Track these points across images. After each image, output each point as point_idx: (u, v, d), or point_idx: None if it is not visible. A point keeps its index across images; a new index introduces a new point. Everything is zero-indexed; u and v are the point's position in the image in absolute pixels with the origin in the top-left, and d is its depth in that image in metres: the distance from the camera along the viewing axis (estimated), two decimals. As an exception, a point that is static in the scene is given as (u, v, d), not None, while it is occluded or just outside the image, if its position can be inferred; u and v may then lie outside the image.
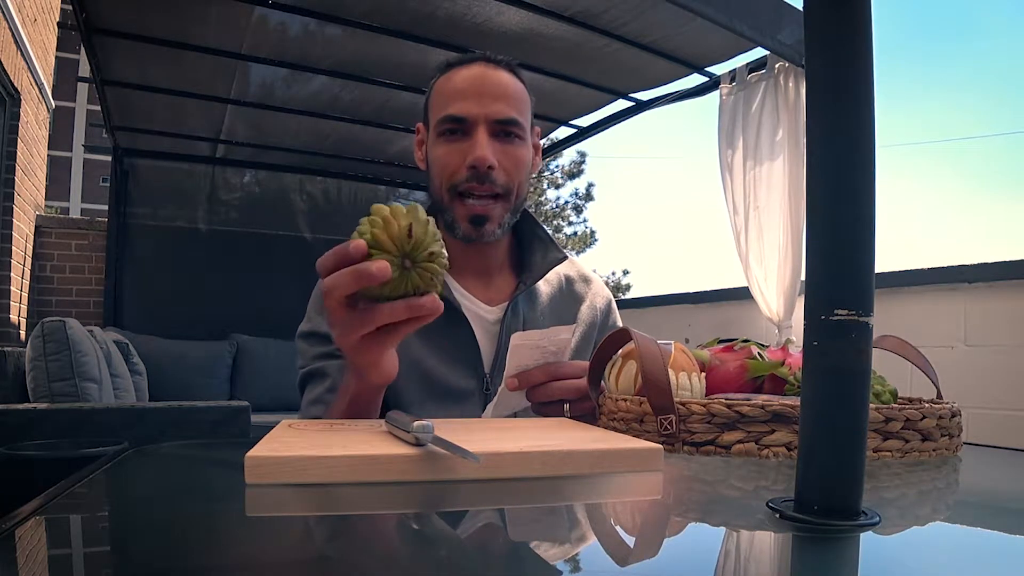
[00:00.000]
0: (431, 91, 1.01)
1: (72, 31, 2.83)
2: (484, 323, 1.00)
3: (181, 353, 3.71)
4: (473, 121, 0.93)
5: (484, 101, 0.94)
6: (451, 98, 0.95)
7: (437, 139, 0.97)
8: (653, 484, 0.53)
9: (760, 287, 2.59)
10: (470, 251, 1.01)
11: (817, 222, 0.40)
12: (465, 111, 0.93)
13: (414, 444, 0.51)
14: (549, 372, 0.85)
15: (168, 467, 0.64)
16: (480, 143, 0.93)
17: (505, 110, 0.95)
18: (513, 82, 0.98)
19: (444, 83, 0.98)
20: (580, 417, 0.80)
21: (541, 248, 1.05)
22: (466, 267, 1.02)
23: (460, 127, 0.94)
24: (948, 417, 0.65)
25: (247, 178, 4.36)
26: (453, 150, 0.95)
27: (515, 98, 0.97)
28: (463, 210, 0.95)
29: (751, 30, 2.27)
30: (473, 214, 0.95)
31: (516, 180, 0.97)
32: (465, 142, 0.94)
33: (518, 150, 0.97)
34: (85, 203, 26.54)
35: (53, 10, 4.80)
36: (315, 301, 1.00)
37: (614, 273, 17.55)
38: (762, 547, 0.40)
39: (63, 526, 0.43)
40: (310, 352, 0.97)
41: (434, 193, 0.99)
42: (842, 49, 0.40)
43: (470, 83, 0.95)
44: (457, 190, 0.95)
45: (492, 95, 0.94)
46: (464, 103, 0.94)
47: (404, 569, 0.35)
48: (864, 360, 0.39)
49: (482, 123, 0.93)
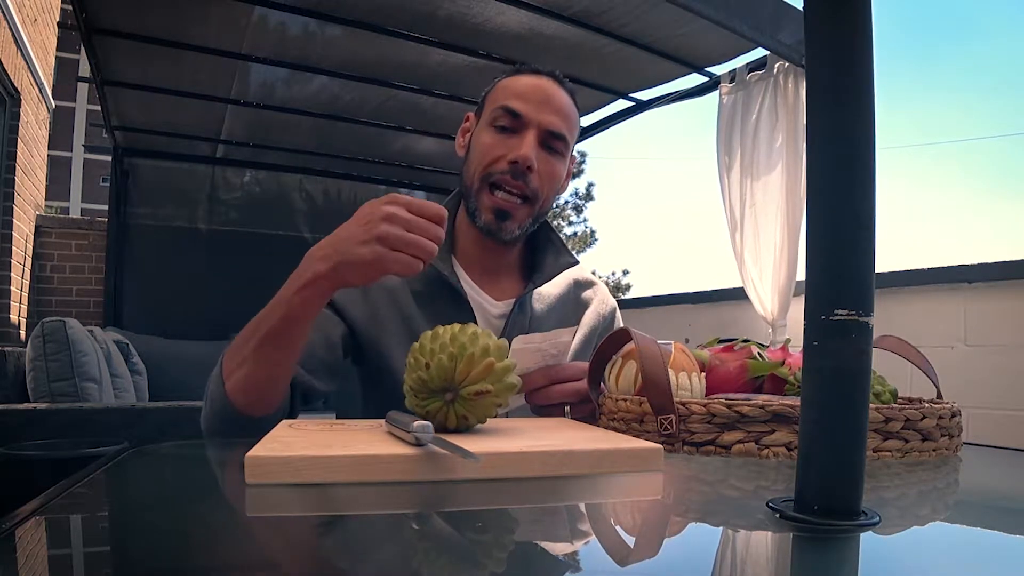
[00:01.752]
0: (493, 86, 1.05)
1: (72, 31, 2.83)
2: (488, 315, 1.01)
3: (181, 353, 3.71)
4: (527, 121, 0.97)
5: (543, 109, 0.98)
6: (513, 94, 0.99)
7: (487, 127, 1.00)
8: (653, 484, 0.53)
9: (755, 286, 2.59)
10: (485, 247, 1.03)
11: (817, 222, 0.40)
12: (523, 110, 0.97)
13: (414, 444, 0.51)
14: (550, 375, 0.86)
15: (168, 467, 0.64)
16: (528, 143, 0.96)
17: (558, 124, 0.99)
18: (571, 105, 1.03)
19: (510, 81, 1.02)
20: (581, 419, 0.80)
21: (553, 252, 1.07)
22: (477, 262, 1.05)
23: (513, 123, 0.98)
24: (948, 417, 0.65)
25: (247, 178, 4.35)
26: (499, 142, 0.98)
27: (570, 118, 1.02)
28: (490, 201, 0.98)
29: (751, 30, 2.27)
30: (498, 207, 0.98)
31: (546, 190, 1.00)
32: (513, 138, 0.98)
33: (557, 164, 1.01)
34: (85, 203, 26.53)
35: (53, 10, 4.80)
36: None
37: (614, 273, 17.55)
38: (762, 547, 0.40)
39: (63, 526, 0.43)
40: None
41: (466, 178, 1.01)
42: (842, 49, 0.40)
43: (534, 88, 1.00)
44: (490, 179, 0.98)
45: (551, 106, 0.99)
46: (524, 103, 0.98)
47: (404, 569, 0.35)
48: (864, 360, 0.39)
49: (534, 127, 0.97)
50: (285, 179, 4.35)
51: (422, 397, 0.60)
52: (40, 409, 1.98)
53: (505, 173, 0.97)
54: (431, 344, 0.60)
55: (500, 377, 0.60)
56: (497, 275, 1.05)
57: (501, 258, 1.05)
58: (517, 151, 0.96)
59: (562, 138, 1.00)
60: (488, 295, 1.03)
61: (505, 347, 0.62)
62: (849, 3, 0.40)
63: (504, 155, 0.97)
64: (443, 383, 0.59)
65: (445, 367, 0.59)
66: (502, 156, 0.97)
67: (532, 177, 0.97)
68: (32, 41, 4.09)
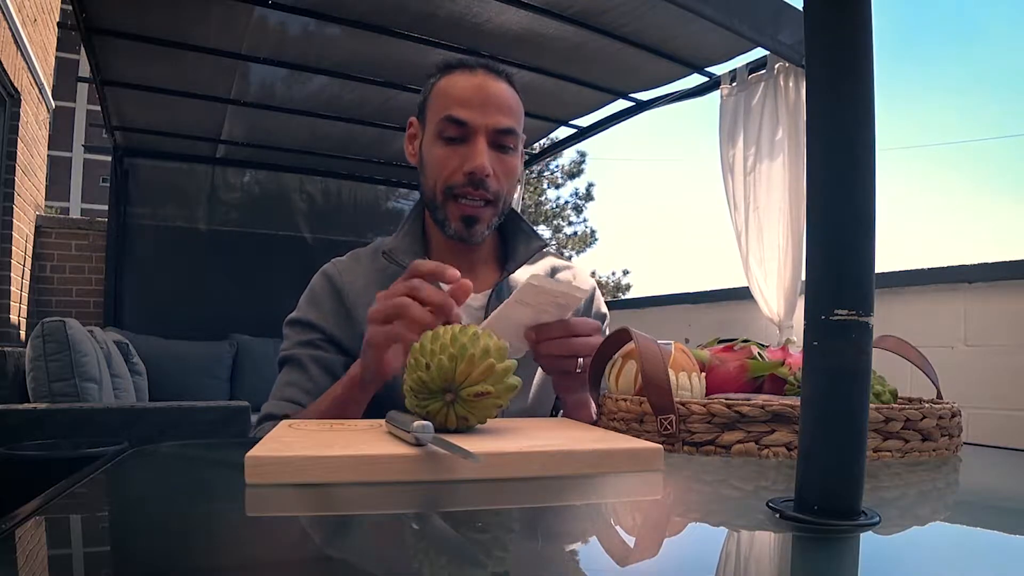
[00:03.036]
0: (431, 89, 1.03)
1: (72, 31, 2.83)
2: (468, 310, 1.02)
3: (181, 353, 3.71)
4: (474, 128, 0.96)
5: (487, 110, 0.97)
6: (454, 102, 0.97)
7: (436, 140, 0.99)
8: (653, 484, 0.53)
9: (760, 287, 2.59)
10: (457, 247, 1.04)
11: (817, 222, 0.40)
12: (468, 117, 0.96)
13: (414, 444, 0.51)
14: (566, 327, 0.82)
15: (168, 467, 0.64)
16: (480, 151, 0.96)
17: (504, 121, 0.98)
18: (512, 94, 1.01)
19: (447, 85, 1.00)
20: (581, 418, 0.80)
21: (524, 239, 1.08)
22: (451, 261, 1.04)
23: (461, 132, 0.97)
24: (948, 417, 0.65)
25: (247, 178, 4.35)
26: (451, 153, 0.97)
27: (514, 110, 1.00)
28: (456, 210, 0.99)
29: (751, 30, 2.27)
30: (465, 215, 0.99)
31: (506, 188, 1.01)
32: (463, 147, 0.97)
33: (511, 160, 1.01)
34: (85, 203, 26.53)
35: (53, 10, 4.80)
36: (307, 292, 1.05)
37: (614, 273, 17.54)
38: (762, 547, 0.40)
39: (63, 526, 0.43)
40: (293, 338, 1.02)
41: (427, 191, 1.02)
42: (842, 49, 0.40)
43: (474, 91, 0.98)
44: (452, 192, 0.98)
45: (494, 105, 0.98)
46: (467, 110, 0.96)
47: (404, 569, 0.35)
48: (864, 360, 0.39)
49: (482, 131, 0.97)
50: (285, 179, 4.36)
51: (422, 398, 0.60)
52: (40, 409, 1.98)
53: (465, 185, 0.97)
54: (431, 344, 0.60)
55: (501, 378, 0.60)
56: (472, 269, 1.06)
57: (474, 253, 1.06)
58: (472, 162, 0.95)
59: (511, 132, 0.99)
60: None
61: (506, 348, 0.62)
62: (849, 3, 0.40)
63: (459, 167, 0.97)
64: (443, 384, 0.59)
65: (445, 368, 0.59)
66: (457, 168, 0.97)
67: (490, 182, 0.97)
68: (32, 41, 4.09)
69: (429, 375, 0.59)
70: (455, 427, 0.60)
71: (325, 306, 1.02)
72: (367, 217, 4.51)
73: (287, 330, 1.04)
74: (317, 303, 1.02)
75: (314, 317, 1.01)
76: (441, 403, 0.59)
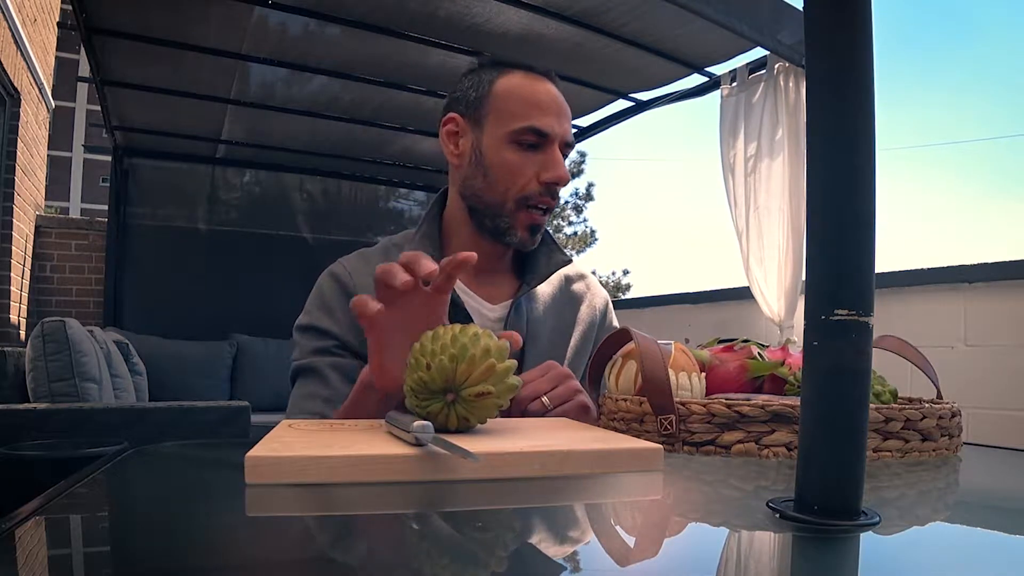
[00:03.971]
0: (491, 89, 0.99)
1: (72, 31, 2.83)
2: (486, 320, 1.01)
3: (181, 353, 3.71)
4: (552, 138, 0.97)
5: (562, 121, 0.99)
6: (536, 110, 0.97)
7: (509, 146, 0.97)
8: (653, 484, 0.53)
9: (760, 287, 2.59)
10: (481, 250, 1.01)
11: (817, 222, 0.40)
12: (550, 128, 0.96)
13: (414, 444, 0.51)
14: None
15: (168, 467, 0.64)
16: (559, 161, 0.97)
17: (571, 132, 1.00)
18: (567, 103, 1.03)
19: (518, 88, 0.99)
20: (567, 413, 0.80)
21: (546, 251, 1.06)
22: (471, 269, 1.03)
23: (538, 141, 0.97)
24: (948, 417, 0.65)
25: (247, 178, 4.35)
26: (527, 161, 0.97)
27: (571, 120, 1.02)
28: (526, 219, 0.98)
29: (751, 30, 2.27)
30: (534, 223, 0.99)
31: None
32: (538, 155, 0.97)
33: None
34: (85, 203, 26.52)
35: (53, 10, 4.80)
36: (315, 295, 1.01)
37: (614, 273, 17.55)
38: (762, 547, 0.40)
39: (63, 526, 0.43)
40: (307, 346, 0.98)
41: (491, 196, 0.99)
42: (842, 49, 0.40)
43: (552, 101, 0.99)
44: (527, 201, 0.98)
45: (566, 115, 1.00)
46: (549, 119, 0.97)
47: (404, 569, 0.35)
48: (864, 360, 0.39)
49: (558, 141, 0.98)
50: (285, 179, 4.36)
51: (422, 398, 0.60)
52: (40, 409, 1.98)
53: (543, 195, 0.97)
54: (432, 345, 0.60)
55: (501, 378, 0.60)
56: (491, 276, 1.05)
57: (496, 260, 1.05)
58: (554, 171, 0.96)
59: (573, 144, 1.01)
60: (483, 299, 1.02)
61: (506, 348, 0.62)
62: (849, 3, 0.40)
63: (534, 176, 0.97)
64: (444, 384, 0.59)
65: (446, 368, 0.59)
66: (532, 177, 0.97)
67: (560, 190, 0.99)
68: (32, 41, 4.09)
69: (430, 375, 0.59)
70: (456, 427, 0.60)
71: (337, 310, 0.98)
72: (367, 217, 4.51)
73: (299, 337, 0.99)
74: (328, 308, 0.98)
75: (327, 323, 0.97)
76: (442, 403, 0.59)
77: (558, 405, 0.82)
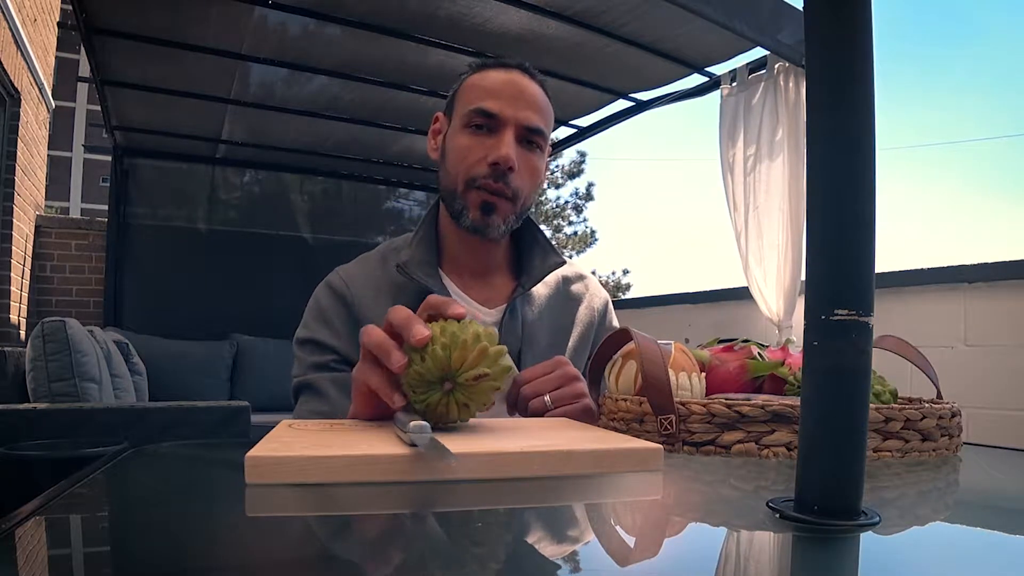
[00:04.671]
0: (461, 85, 1.02)
1: (72, 31, 2.83)
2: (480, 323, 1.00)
3: (181, 353, 3.71)
4: (503, 120, 0.95)
5: (517, 105, 0.96)
6: (485, 93, 0.97)
7: (462, 130, 0.98)
8: (653, 484, 0.53)
9: (760, 287, 2.60)
10: (472, 250, 1.02)
11: (817, 222, 0.40)
12: (498, 109, 0.95)
13: (410, 445, 0.51)
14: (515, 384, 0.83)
15: (168, 467, 0.64)
16: (506, 142, 0.95)
17: (534, 119, 0.97)
18: (544, 96, 1.01)
19: (479, 79, 1.00)
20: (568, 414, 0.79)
21: (540, 252, 1.05)
22: (465, 266, 1.03)
23: (489, 123, 0.96)
24: (948, 417, 0.65)
25: (247, 178, 4.36)
26: (477, 143, 0.96)
27: (544, 111, 1.00)
28: (476, 197, 0.96)
29: (751, 30, 2.27)
30: (485, 202, 0.96)
31: (528, 187, 0.99)
32: (490, 139, 0.96)
33: (536, 160, 0.99)
34: (85, 203, 26.52)
35: (53, 10, 4.80)
36: (312, 307, 1.00)
37: (614, 273, 17.53)
38: (762, 547, 0.40)
39: (63, 526, 0.43)
40: (306, 360, 0.97)
41: (447, 181, 1.00)
42: (842, 49, 0.40)
43: (506, 84, 0.97)
44: (474, 183, 0.96)
45: (525, 101, 0.97)
46: (498, 101, 0.96)
47: (404, 569, 0.35)
48: (864, 360, 0.39)
49: (511, 125, 0.96)
50: (285, 179, 4.36)
51: (421, 392, 0.60)
52: (40, 409, 1.98)
53: (487, 177, 0.95)
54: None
55: (495, 360, 0.61)
56: (486, 278, 1.04)
57: (489, 260, 1.04)
58: (497, 152, 0.94)
59: (539, 132, 0.98)
60: (479, 303, 1.01)
61: (495, 333, 0.63)
62: (849, 3, 0.40)
63: (483, 157, 0.95)
64: (440, 373, 0.59)
65: (440, 357, 0.59)
66: (481, 158, 0.95)
67: (513, 177, 0.95)
68: (32, 41, 4.09)
69: (425, 367, 0.59)
70: (457, 417, 0.61)
71: (335, 323, 0.97)
72: (367, 217, 4.51)
73: (297, 351, 0.98)
74: (327, 320, 0.97)
75: (325, 336, 0.96)
76: (440, 393, 0.60)
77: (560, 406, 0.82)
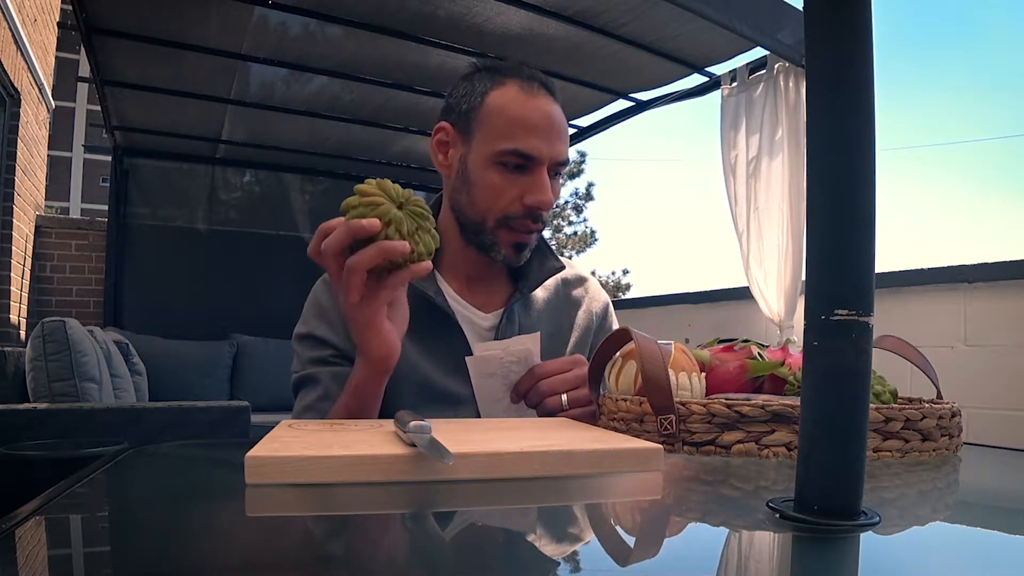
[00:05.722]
0: (482, 101, 0.94)
1: (72, 31, 2.83)
2: (478, 329, 0.99)
3: (181, 353, 3.71)
4: (539, 160, 0.92)
5: (552, 142, 0.93)
6: (522, 130, 0.92)
7: (493, 166, 0.93)
8: (653, 484, 0.53)
9: (760, 287, 2.60)
10: (473, 257, 1.00)
11: (817, 222, 0.40)
12: (537, 151, 0.91)
13: (410, 445, 0.51)
14: (533, 375, 0.88)
15: (168, 467, 0.64)
16: (545, 185, 0.92)
17: (564, 152, 0.94)
18: (564, 119, 0.97)
19: (504, 103, 0.93)
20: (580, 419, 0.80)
21: (539, 256, 1.04)
22: (462, 269, 1.02)
23: (525, 163, 0.92)
24: (948, 417, 0.65)
25: (247, 178, 4.36)
26: (510, 183, 0.93)
27: (567, 136, 0.97)
28: (509, 237, 0.95)
29: (751, 30, 2.27)
30: (518, 243, 0.95)
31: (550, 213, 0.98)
32: (523, 177, 0.92)
33: (559, 186, 0.98)
34: (85, 203, 26.53)
35: (53, 10, 4.81)
36: (311, 303, 1.00)
37: (614, 273, 17.52)
38: (762, 547, 0.40)
39: (63, 526, 0.43)
40: (305, 355, 0.97)
41: (472, 212, 0.96)
42: (842, 49, 0.40)
43: (542, 120, 0.93)
44: (507, 222, 0.94)
45: (558, 136, 0.94)
46: (536, 141, 0.91)
47: (404, 569, 0.35)
48: (864, 360, 0.39)
49: (547, 163, 0.93)
50: (285, 179, 4.36)
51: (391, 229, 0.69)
52: (40, 409, 1.98)
53: (523, 217, 0.93)
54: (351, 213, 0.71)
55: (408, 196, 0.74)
56: (484, 283, 1.03)
57: (487, 267, 1.02)
58: (535, 196, 0.92)
59: (566, 163, 0.96)
60: (476, 306, 1.01)
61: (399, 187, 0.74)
62: (849, 3, 0.40)
63: (518, 196, 0.92)
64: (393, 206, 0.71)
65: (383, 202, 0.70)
66: (516, 199, 0.93)
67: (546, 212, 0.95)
68: (32, 41, 4.09)
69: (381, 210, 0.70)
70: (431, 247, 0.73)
71: (333, 319, 0.96)
72: (367, 217, 4.50)
73: (297, 347, 0.98)
74: (325, 316, 0.96)
75: (324, 332, 0.95)
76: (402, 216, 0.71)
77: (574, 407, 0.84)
